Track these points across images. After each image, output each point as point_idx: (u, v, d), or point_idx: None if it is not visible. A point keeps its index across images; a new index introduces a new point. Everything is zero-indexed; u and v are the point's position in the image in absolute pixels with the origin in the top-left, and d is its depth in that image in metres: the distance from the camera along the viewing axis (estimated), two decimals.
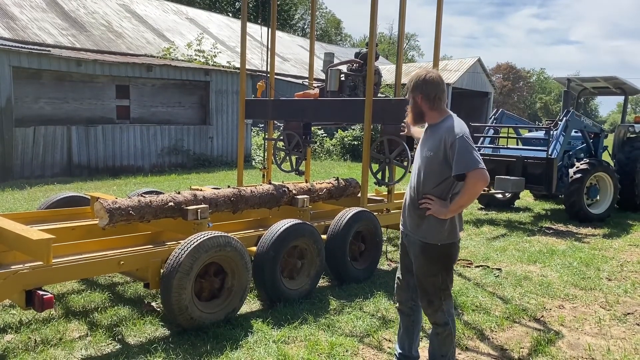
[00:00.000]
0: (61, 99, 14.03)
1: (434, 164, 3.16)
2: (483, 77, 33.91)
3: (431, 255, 3.25)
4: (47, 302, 3.47)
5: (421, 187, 3.23)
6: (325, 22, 66.06)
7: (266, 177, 7.44)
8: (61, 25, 19.85)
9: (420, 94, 3.21)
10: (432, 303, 3.30)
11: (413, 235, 3.32)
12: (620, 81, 10.38)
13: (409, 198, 3.34)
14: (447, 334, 3.34)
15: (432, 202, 3.16)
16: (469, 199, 3.13)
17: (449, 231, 3.21)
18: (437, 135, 3.17)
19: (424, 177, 3.22)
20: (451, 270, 3.34)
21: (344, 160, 20.01)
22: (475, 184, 3.03)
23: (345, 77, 6.74)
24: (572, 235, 8.20)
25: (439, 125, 3.22)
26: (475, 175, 3.00)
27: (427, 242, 3.24)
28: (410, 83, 3.25)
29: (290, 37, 36.50)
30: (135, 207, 4.44)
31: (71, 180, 12.72)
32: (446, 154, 3.09)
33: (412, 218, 3.32)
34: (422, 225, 3.25)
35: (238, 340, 3.95)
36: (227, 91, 17.20)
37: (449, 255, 3.26)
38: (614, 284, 5.77)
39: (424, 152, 3.24)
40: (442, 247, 3.22)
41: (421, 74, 3.22)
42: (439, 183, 3.18)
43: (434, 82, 3.18)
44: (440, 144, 3.12)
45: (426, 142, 3.27)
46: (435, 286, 3.27)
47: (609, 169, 9.33)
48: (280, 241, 4.61)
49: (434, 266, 3.26)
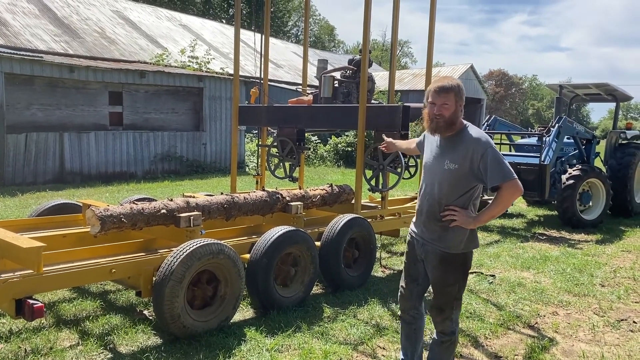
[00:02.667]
0: (53, 105, 13.95)
1: (459, 176, 3.08)
2: (476, 84, 34.11)
3: (451, 264, 3.20)
4: (37, 311, 3.43)
5: (443, 199, 3.14)
6: (319, 29, 66.31)
7: (260, 184, 7.42)
8: (54, 32, 19.79)
9: (461, 100, 3.07)
10: (443, 312, 3.27)
11: (433, 245, 3.23)
12: (612, 88, 10.45)
13: (427, 209, 3.23)
14: (450, 343, 3.32)
15: (457, 213, 3.09)
16: (502, 209, 3.12)
17: (470, 239, 3.19)
18: (461, 146, 3.07)
19: (447, 189, 3.12)
20: (466, 278, 3.32)
21: (338, 167, 20.01)
22: (512, 195, 3.02)
23: (339, 84, 6.75)
24: (565, 241, 8.22)
25: (459, 135, 3.11)
26: (512, 186, 2.99)
27: (449, 252, 3.18)
28: (457, 88, 3.06)
29: (283, 44, 36.59)
30: (128, 214, 4.41)
31: (63, 187, 12.63)
32: (473, 166, 3.03)
33: (433, 229, 3.21)
34: (444, 236, 3.17)
35: (231, 348, 3.92)
36: (220, 97, 17.17)
37: (466, 264, 3.25)
38: (607, 290, 5.78)
39: (445, 163, 3.10)
40: (462, 255, 3.21)
41: (454, 80, 3.10)
42: (463, 194, 3.11)
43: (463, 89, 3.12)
44: (466, 155, 3.03)
45: (444, 152, 3.14)
46: (451, 295, 3.24)
47: (601, 175, 9.37)
48: (273, 248, 4.59)
49: (453, 275, 3.22)
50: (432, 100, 3.10)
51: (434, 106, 3.08)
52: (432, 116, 3.10)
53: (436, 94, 3.07)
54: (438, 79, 3.16)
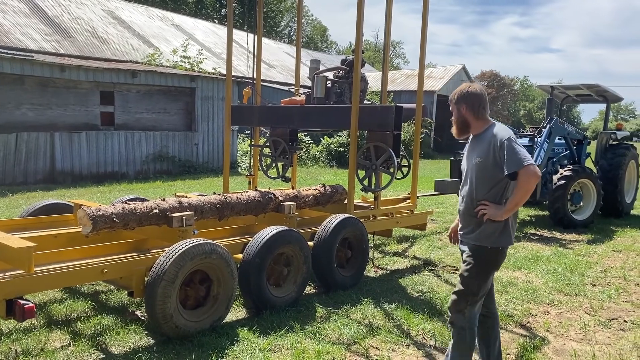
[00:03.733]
0: (44, 105, 13.86)
1: (485, 169, 3.27)
2: None
3: (479, 257, 3.33)
4: (28, 311, 3.40)
5: (474, 194, 3.33)
6: (312, 30, 66.31)
7: (252, 184, 7.41)
8: (45, 31, 19.65)
9: (464, 104, 3.34)
10: (458, 303, 3.35)
11: (467, 240, 3.41)
12: (603, 89, 10.52)
13: (463, 207, 3.42)
14: (459, 339, 3.36)
15: (487, 207, 3.26)
16: (524, 196, 3.19)
17: (502, 234, 3.30)
18: (485, 141, 3.29)
19: (476, 183, 3.33)
20: (490, 278, 3.38)
21: (330, 167, 20.02)
22: (528, 180, 3.13)
23: (331, 84, 6.75)
24: (557, 241, 8.26)
25: (484, 133, 3.35)
26: (527, 172, 3.11)
27: (479, 245, 3.32)
28: (454, 96, 3.39)
29: (276, 44, 36.55)
30: (119, 214, 4.38)
31: (54, 188, 12.55)
32: (495, 157, 3.21)
33: (469, 225, 3.39)
34: (477, 230, 3.33)
35: (224, 349, 3.91)
36: (212, 97, 17.13)
37: (493, 261, 3.35)
38: (598, 290, 5.81)
39: (473, 159, 3.35)
40: (490, 250, 3.30)
41: (464, 87, 3.39)
42: (491, 187, 3.28)
43: (477, 93, 3.34)
44: (489, 149, 3.24)
45: (473, 150, 3.39)
46: (468, 288, 3.32)
47: (592, 175, 9.43)
48: (266, 248, 4.58)
49: (476, 268, 3.32)
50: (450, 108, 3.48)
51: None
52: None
53: (449, 104, 3.48)
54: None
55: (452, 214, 10.28)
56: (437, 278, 6.03)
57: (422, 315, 4.73)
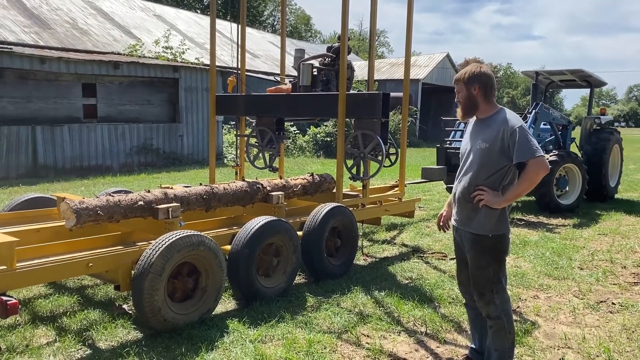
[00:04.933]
0: (25, 98, 13.59)
1: (489, 155, 3.17)
2: (452, 73, 34.22)
3: (482, 247, 3.25)
4: (11, 308, 3.32)
5: (474, 179, 3.23)
6: (295, 19, 65.86)
7: (239, 174, 7.33)
8: (23, 23, 19.23)
9: (477, 84, 3.21)
10: (484, 296, 3.29)
11: (464, 229, 3.33)
12: (586, 74, 10.57)
13: (460, 191, 3.32)
14: (498, 328, 3.30)
15: (485, 193, 3.17)
16: (528, 187, 3.13)
17: (500, 222, 3.22)
18: (493, 126, 3.18)
19: (477, 168, 3.22)
20: (503, 263, 3.32)
21: (317, 157, 19.98)
22: (536, 172, 3.07)
23: (317, 72, 6.68)
24: (543, 226, 8.31)
25: (492, 117, 3.24)
26: (537, 163, 3.05)
27: (478, 234, 3.24)
28: (465, 75, 3.24)
29: (260, 34, 36.23)
30: (104, 206, 4.29)
31: (37, 182, 12.34)
32: (503, 144, 3.12)
33: (464, 211, 3.32)
34: (473, 218, 3.26)
35: (213, 341, 3.86)
36: (196, 88, 16.93)
37: (500, 247, 3.27)
38: (585, 273, 5.85)
39: (477, 144, 3.23)
40: (493, 238, 3.23)
41: (475, 67, 3.25)
42: (492, 174, 3.19)
43: (489, 74, 3.24)
44: (497, 135, 3.14)
45: (478, 134, 3.26)
46: (486, 278, 3.26)
47: (577, 160, 9.49)
48: (255, 239, 4.53)
49: (485, 258, 3.25)
50: (456, 89, 3.34)
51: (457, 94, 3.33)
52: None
53: (455, 84, 3.34)
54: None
55: (439, 202, 10.30)
56: (425, 265, 6.03)
57: (412, 302, 4.72)
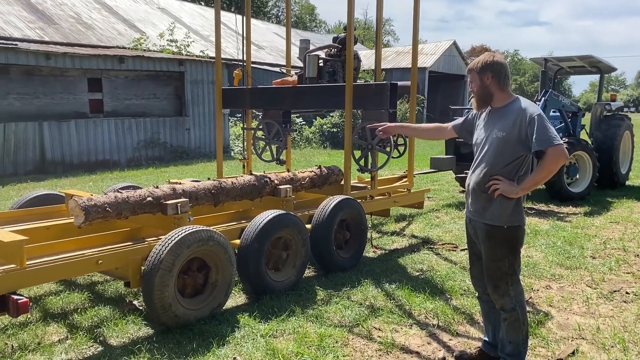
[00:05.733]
0: (31, 94, 13.60)
1: (506, 144, 3.13)
2: (459, 60, 34.02)
3: (497, 238, 3.21)
4: (22, 306, 3.32)
5: (489, 169, 3.19)
6: (300, 9, 65.52)
7: (246, 168, 7.30)
8: (28, 18, 19.23)
9: (490, 73, 3.16)
10: (499, 288, 3.25)
11: (478, 220, 3.28)
12: (596, 59, 10.43)
13: (474, 181, 3.27)
14: (513, 320, 3.27)
15: (501, 182, 3.13)
16: (546, 176, 3.10)
17: (514, 213, 3.18)
18: (510, 115, 3.14)
19: (493, 157, 3.18)
20: (518, 254, 3.28)
21: (324, 148, 19.91)
22: (556, 160, 3.03)
23: (323, 63, 6.61)
24: (554, 214, 8.24)
25: (508, 106, 3.19)
26: (556, 152, 3.00)
27: (493, 225, 3.20)
28: (478, 64, 3.20)
29: (264, 25, 36.07)
30: (112, 203, 4.28)
31: (45, 178, 12.38)
32: (521, 133, 3.08)
33: (478, 201, 3.27)
34: (488, 208, 3.21)
35: (225, 336, 3.85)
36: (202, 81, 16.88)
37: (515, 239, 3.22)
38: (598, 262, 5.79)
39: (493, 133, 3.18)
40: (507, 229, 3.19)
41: (487, 56, 3.21)
42: (508, 163, 3.15)
43: (502, 62, 3.18)
44: (515, 123, 3.10)
45: (493, 123, 3.22)
46: (501, 270, 3.22)
47: (588, 147, 9.39)
48: (264, 233, 4.50)
49: (500, 250, 3.21)
50: (469, 79, 3.31)
51: (470, 84, 3.29)
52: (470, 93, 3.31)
53: (468, 74, 3.30)
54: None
55: (449, 192, 10.23)
56: (436, 256, 5.99)
57: (423, 295, 4.68)
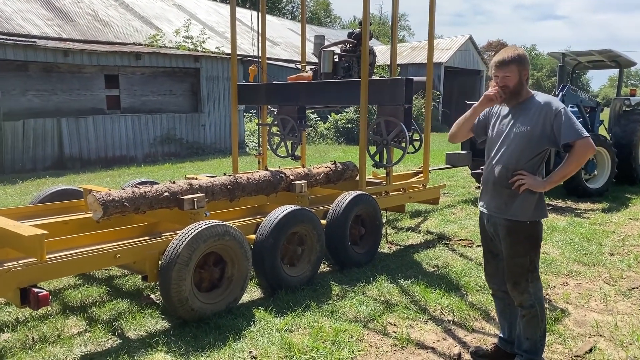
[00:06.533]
0: (49, 90, 13.80)
1: (530, 139, 3.10)
2: (475, 55, 33.70)
3: (519, 234, 3.18)
4: (42, 299, 3.37)
5: (513, 164, 3.15)
6: (314, 4, 65.37)
7: (262, 164, 7.33)
8: (46, 16, 19.46)
9: (528, 67, 3.13)
10: (519, 285, 3.23)
11: (500, 216, 3.23)
12: (615, 54, 10.27)
13: (495, 177, 3.22)
14: (531, 317, 3.25)
15: (526, 177, 3.10)
16: (575, 169, 3.09)
17: (538, 208, 3.17)
18: (533, 109, 3.11)
19: (517, 153, 3.14)
20: (539, 250, 3.26)
21: (339, 144, 19.90)
22: (585, 153, 3.02)
23: (339, 58, 6.60)
24: (572, 211, 8.15)
25: (529, 101, 3.16)
26: (584, 144, 2.99)
27: (516, 220, 3.17)
28: (517, 57, 3.11)
29: (279, 21, 36.07)
30: (130, 198, 4.33)
31: (63, 173, 12.55)
32: (545, 127, 3.06)
33: (500, 197, 3.22)
34: (511, 204, 3.17)
35: (241, 330, 3.88)
36: (217, 77, 16.96)
37: (536, 234, 3.20)
38: (616, 259, 5.72)
39: (515, 127, 3.15)
40: (530, 225, 3.16)
41: (517, 50, 3.15)
42: (532, 157, 3.12)
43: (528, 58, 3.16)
44: (539, 117, 3.08)
45: (515, 118, 3.17)
46: (523, 267, 3.20)
47: (606, 143, 9.27)
48: (279, 228, 4.52)
49: (522, 246, 3.19)
50: (495, 73, 3.17)
51: (497, 79, 3.16)
52: (498, 88, 3.16)
53: (498, 67, 3.15)
54: (500, 51, 3.21)
55: (464, 187, 10.18)
56: (452, 252, 5.96)
57: (439, 291, 4.67)
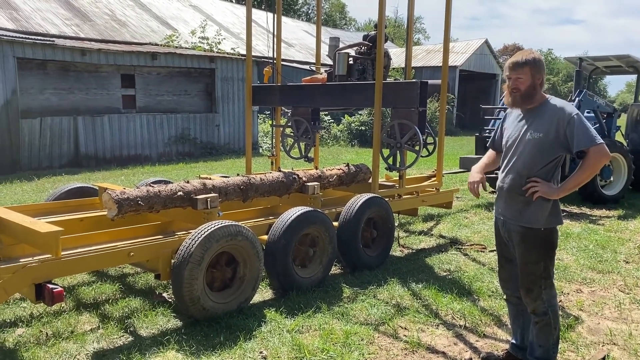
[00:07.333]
0: (66, 89, 13.96)
1: (543, 145, 3.07)
2: (490, 59, 33.49)
3: (533, 241, 3.16)
4: (57, 295, 3.41)
5: (527, 170, 3.12)
6: (330, 7, 65.44)
7: (275, 165, 7.35)
8: (65, 15, 19.71)
9: (543, 72, 3.10)
10: (532, 291, 3.20)
11: (514, 222, 3.21)
12: (634, 59, 10.16)
13: (509, 183, 3.20)
14: (544, 324, 3.23)
15: (539, 184, 3.07)
16: (589, 175, 3.06)
17: (552, 214, 3.14)
18: (546, 116, 3.08)
19: (530, 159, 3.11)
20: (553, 257, 3.24)
21: (352, 146, 19.88)
22: (599, 160, 3.00)
23: (353, 61, 6.61)
24: (587, 217, 8.07)
25: (542, 106, 3.12)
26: (599, 151, 2.98)
27: (530, 227, 3.14)
28: (531, 60, 3.06)
29: (294, 22, 36.17)
30: (144, 197, 4.37)
31: (79, 171, 12.69)
32: (558, 133, 3.02)
33: (514, 204, 3.19)
34: (525, 211, 3.15)
35: (251, 330, 3.89)
36: (232, 78, 17.04)
37: (550, 241, 3.18)
38: (632, 267, 5.65)
39: (529, 134, 3.11)
40: (544, 231, 3.14)
41: (533, 53, 3.11)
42: (546, 164, 3.10)
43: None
44: (552, 124, 3.04)
45: (528, 124, 3.13)
46: (536, 274, 3.18)
47: (623, 149, 9.17)
48: (291, 229, 4.53)
49: (536, 253, 3.17)
50: (508, 74, 3.14)
51: (510, 80, 3.13)
52: (510, 90, 3.14)
53: (511, 69, 3.12)
54: (516, 54, 3.18)
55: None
56: (464, 257, 5.93)
57: (450, 295, 4.65)
